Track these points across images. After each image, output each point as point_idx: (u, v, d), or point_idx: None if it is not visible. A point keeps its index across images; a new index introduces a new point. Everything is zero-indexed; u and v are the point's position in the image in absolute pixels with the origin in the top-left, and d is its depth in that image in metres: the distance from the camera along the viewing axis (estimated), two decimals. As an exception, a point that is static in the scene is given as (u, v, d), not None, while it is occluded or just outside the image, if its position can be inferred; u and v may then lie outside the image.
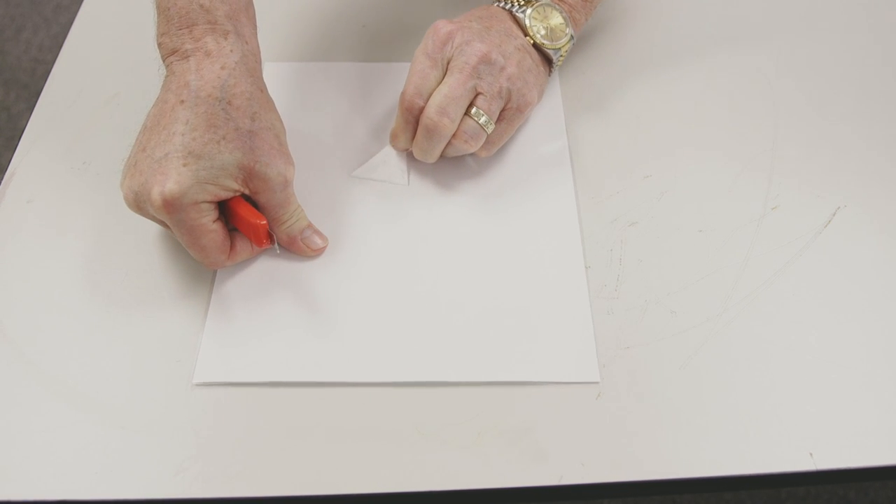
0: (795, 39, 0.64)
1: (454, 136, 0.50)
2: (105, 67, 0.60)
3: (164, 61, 0.45)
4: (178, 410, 0.42)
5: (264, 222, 0.44)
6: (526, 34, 0.53)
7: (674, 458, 0.41)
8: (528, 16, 0.52)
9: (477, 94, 0.49)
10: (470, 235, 0.50)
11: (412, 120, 0.51)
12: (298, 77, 0.60)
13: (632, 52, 0.62)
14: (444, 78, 0.50)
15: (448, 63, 0.50)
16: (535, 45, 0.53)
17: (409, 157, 0.54)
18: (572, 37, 0.54)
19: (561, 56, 0.55)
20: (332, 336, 0.45)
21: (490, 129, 0.50)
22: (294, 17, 0.65)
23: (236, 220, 0.45)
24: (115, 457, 0.41)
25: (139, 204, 0.43)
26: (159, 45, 0.45)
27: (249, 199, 0.45)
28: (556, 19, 0.53)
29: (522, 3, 0.53)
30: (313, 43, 0.63)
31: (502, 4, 0.53)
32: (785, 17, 0.66)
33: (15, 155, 0.54)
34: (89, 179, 0.53)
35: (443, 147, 0.51)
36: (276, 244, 0.47)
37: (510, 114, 0.51)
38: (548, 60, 0.54)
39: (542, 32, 0.53)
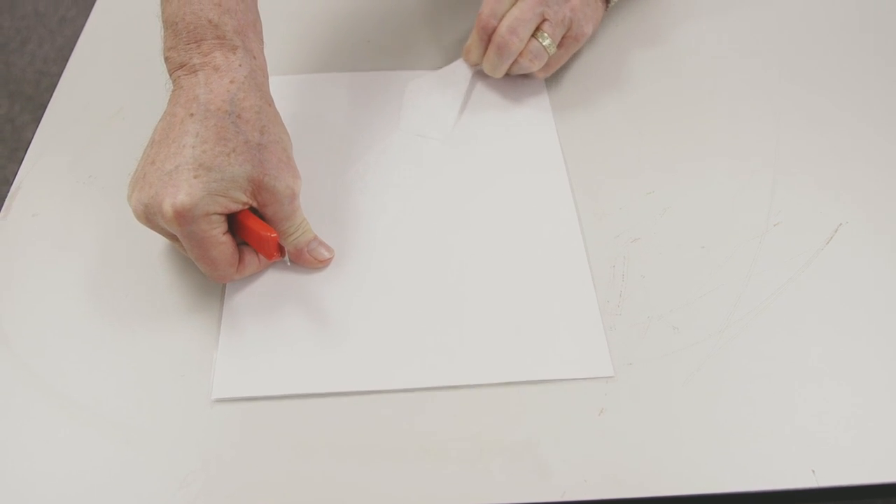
0: (798, 53, 0.64)
1: (520, 54, 0.57)
2: (111, 81, 0.61)
3: (170, 75, 0.46)
4: (182, 425, 0.42)
5: (275, 235, 0.44)
6: None
7: (677, 474, 0.41)
8: None
9: (543, 20, 0.56)
10: (471, 244, 0.51)
11: (485, 38, 0.58)
12: (303, 89, 0.60)
13: (632, 68, 0.63)
14: (516, 3, 0.56)
15: None
16: None
17: (467, 96, 0.60)
18: None
19: None
20: (345, 345, 0.46)
21: (552, 51, 0.57)
22: (300, 34, 0.65)
23: (245, 233, 0.45)
24: (119, 471, 0.40)
25: (149, 216, 0.43)
26: (166, 59, 0.46)
27: (256, 212, 0.45)
28: None
29: None
30: (319, 59, 0.63)
31: None
32: (787, 31, 0.66)
33: (21, 169, 0.54)
34: (95, 193, 0.53)
35: (510, 63, 0.58)
36: (286, 256, 0.47)
37: (568, 41, 0.58)
38: None
39: None
